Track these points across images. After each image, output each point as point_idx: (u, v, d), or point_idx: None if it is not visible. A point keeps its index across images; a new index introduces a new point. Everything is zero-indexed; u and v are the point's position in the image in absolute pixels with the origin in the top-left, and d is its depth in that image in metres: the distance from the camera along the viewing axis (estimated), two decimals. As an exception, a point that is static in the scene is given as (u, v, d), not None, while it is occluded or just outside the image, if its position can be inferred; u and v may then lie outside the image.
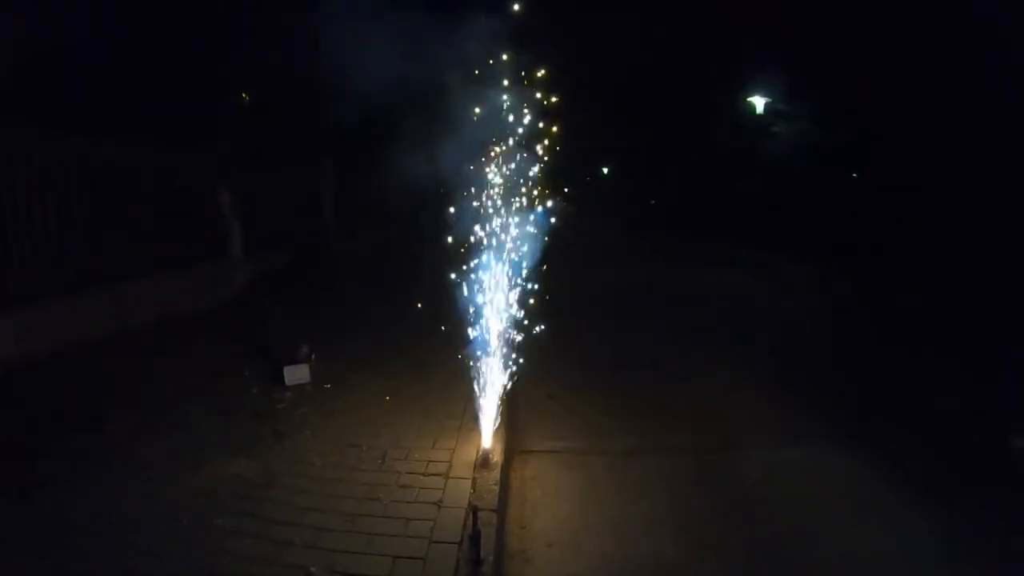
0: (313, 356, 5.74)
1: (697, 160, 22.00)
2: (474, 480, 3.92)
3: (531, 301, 4.67)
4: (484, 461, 4.09)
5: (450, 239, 4.49)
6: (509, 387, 4.52)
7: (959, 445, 4.95)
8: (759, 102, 20.71)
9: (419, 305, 5.80)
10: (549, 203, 4.72)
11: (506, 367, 4.47)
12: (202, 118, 10.32)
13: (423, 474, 4.01)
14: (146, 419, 4.82)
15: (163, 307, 7.40)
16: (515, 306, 4.52)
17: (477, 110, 4.37)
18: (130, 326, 6.81)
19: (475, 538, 3.19)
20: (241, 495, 3.74)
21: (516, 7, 4.38)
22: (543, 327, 4.75)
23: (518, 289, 4.55)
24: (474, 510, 3.32)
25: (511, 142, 4.44)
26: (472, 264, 4.41)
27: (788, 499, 4.22)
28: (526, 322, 4.64)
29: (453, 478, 3.95)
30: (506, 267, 4.45)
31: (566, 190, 4.74)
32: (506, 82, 4.38)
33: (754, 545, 3.68)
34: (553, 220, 4.82)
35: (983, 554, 3.59)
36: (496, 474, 4.00)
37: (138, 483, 3.86)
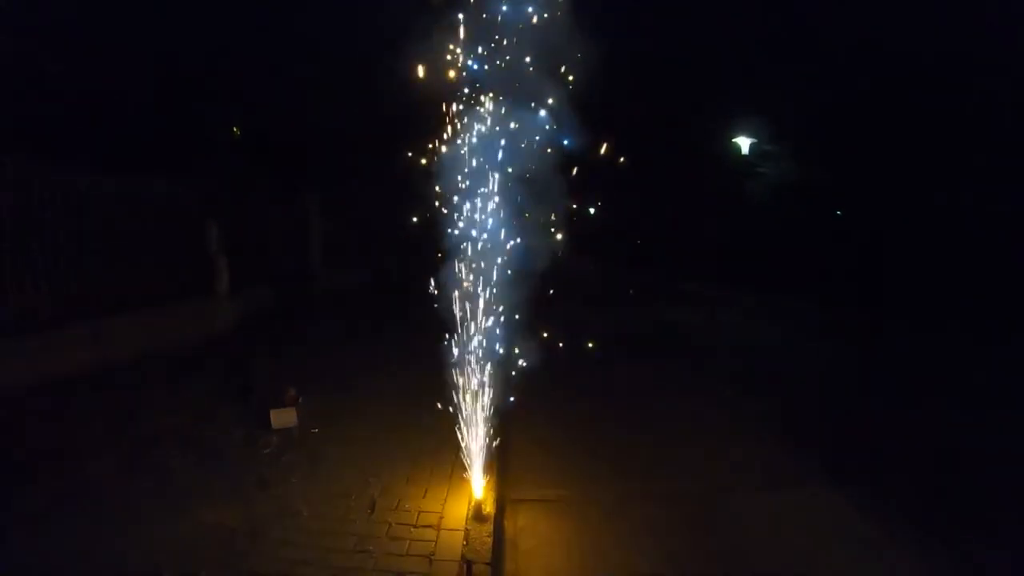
0: (300, 399, 5.62)
1: (682, 201, 22.17)
2: (467, 532, 3.81)
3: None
4: (477, 513, 3.98)
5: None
6: (498, 439, 4.42)
7: (948, 483, 5.00)
8: (744, 143, 20.95)
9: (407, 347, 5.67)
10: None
11: (496, 414, 4.36)
12: (190, 152, 10.32)
13: (414, 525, 3.89)
14: (124, 461, 4.71)
15: (145, 343, 7.30)
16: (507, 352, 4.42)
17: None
18: (110, 362, 6.70)
19: (470, 594, 3.09)
20: (225, 547, 3.61)
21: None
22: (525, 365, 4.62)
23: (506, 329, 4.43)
24: (468, 564, 3.22)
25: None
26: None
27: (787, 543, 4.12)
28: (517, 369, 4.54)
29: (445, 529, 3.85)
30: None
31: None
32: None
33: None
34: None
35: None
36: (489, 526, 3.89)
37: (113, 531, 3.72)
